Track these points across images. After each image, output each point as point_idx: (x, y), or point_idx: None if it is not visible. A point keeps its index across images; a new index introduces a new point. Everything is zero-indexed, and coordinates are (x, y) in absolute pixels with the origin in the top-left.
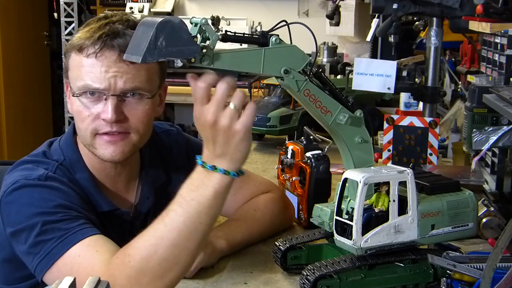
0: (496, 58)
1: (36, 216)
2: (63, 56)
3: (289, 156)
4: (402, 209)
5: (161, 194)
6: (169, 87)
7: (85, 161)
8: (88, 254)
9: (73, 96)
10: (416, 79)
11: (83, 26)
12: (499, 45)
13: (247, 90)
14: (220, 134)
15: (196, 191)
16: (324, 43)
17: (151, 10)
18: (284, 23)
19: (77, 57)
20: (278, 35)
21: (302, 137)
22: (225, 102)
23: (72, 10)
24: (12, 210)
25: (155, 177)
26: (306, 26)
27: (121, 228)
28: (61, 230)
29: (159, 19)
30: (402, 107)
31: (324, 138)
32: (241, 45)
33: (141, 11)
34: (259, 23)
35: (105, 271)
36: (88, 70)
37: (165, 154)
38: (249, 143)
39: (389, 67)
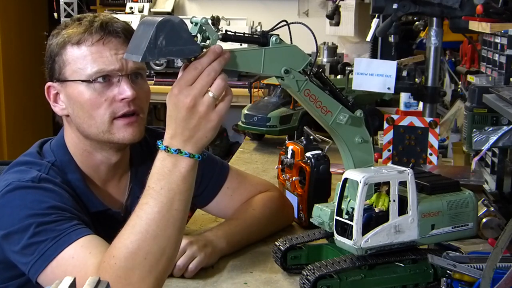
0: (496, 58)
1: (29, 218)
2: (51, 58)
3: (289, 156)
4: (402, 209)
5: None
6: (169, 87)
7: (77, 162)
8: (81, 255)
9: (85, 82)
10: (416, 79)
11: (63, 29)
12: (499, 45)
13: (247, 90)
14: (194, 118)
15: (164, 179)
16: (324, 43)
17: (151, 10)
18: (284, 23)
19: (77, 49)
20: (278, 35)
21: (302, 137)
22: (206, 88)
23: (72, 10)
24: (5, 212)
25: (145, 176)
26: (307, 26)
27: (113, 228)
28: (55, 231)
29: (159, 18)
30: (402, 107)
31: (324, 138)
32: (241, 45)
33: (141, 11)
34: (259, 23)
35: (97, 275)
36: (96, 56)
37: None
38: (217, 131)
39: (389, 67)
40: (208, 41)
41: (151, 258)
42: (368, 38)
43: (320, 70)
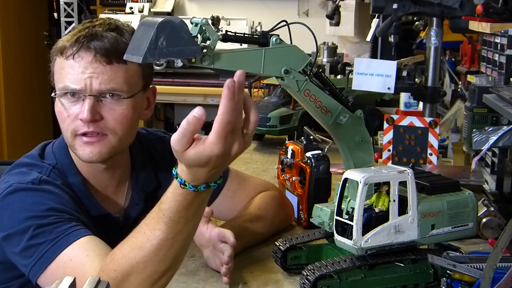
0: (496, 58)
1: (28, 220)
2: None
3: (289, 156)
4: (402, 209)
5: (151, 200)
6: (169, 87)
7: (77, 166)
8: (79, 258)
9: (54, 97)
10: (416, 79)
11: (68, 32)
12: (499, 45)
13: (247, 90)
14: (232, 157)
15: (184, 210)
16: (324, 43)
17: (151, 10)
18: (284, 23)
19: (59, 59)
20: (278, 35)
21: (302, 137)
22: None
23: (72, 10)
24: (5, 214)
25: (146, 183)
26: (306, 26)
27: (111, 233)
28: (53, 233)
29: (159, 19)
30: (402, 107)
31: (324, 138)
32: (241, 45)
33: (141, 11)
34: (259, 23)
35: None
36: (67, 71)
37: (157, 161)
38: None
39: (389, 67)
40: (208, 42)
41: (155, 277)
42: (368, 38)
43: (320, 70)
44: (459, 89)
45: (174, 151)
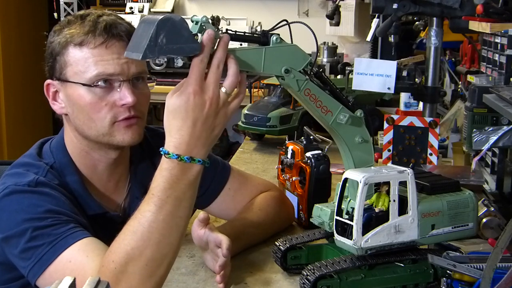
0: (496, 58)
1: (25, 222)
2: (52, 57)
3: (289, 156)
4: (402, 209)
5: None
6: (169, 87)
7: (76, 163)
8: (79, 259)
9: (85, 86)
10: (416, 79)
11: (65, 26)
12: (499, 45)
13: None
14: (210, 119)
15: (171, 189)
16: (324, 43)
17: (151, 10)
18: (285, 22)
19: (78, 51)
20: (279, 34)
21: (302, 137)
22: (219, 83)
23: (72, 10)
24: (3, 216)
25: (145, 177)
26: (307, 26)
27: (111, 230)
28: (51, 236)
29: (159, 17)
30: (402, 107)
31: (324, 138)
32: (241, 44)
33: (141, 11)
34: (259, 23)
35: None
36: (97, 59)
37: (156, 152)
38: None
39: (389, 67)
40: None
41: (153, 264)
42: (368, 38)
43: (321, 70)
44: (459, 89)
45: (167, 99)
